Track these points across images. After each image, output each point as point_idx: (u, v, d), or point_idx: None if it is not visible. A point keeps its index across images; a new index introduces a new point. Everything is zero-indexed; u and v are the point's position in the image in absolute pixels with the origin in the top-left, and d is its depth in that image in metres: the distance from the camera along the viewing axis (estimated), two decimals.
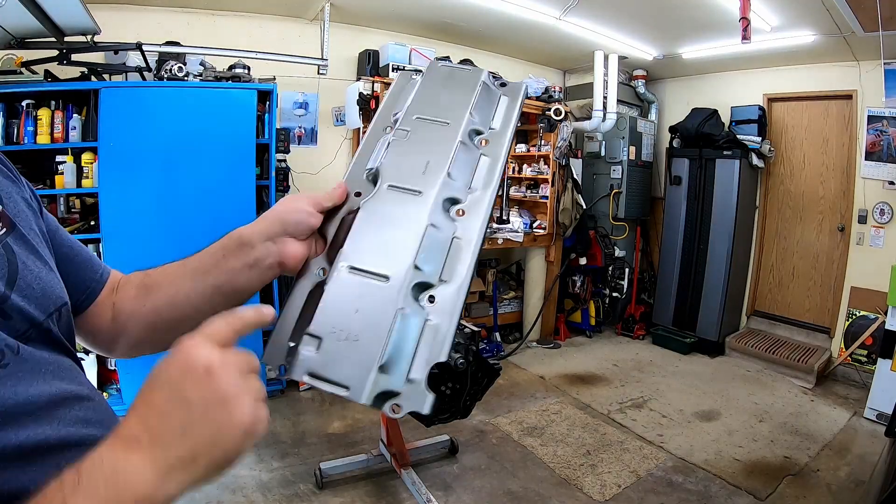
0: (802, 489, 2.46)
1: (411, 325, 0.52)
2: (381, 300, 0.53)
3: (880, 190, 3.88)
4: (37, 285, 0.50)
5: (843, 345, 4.03)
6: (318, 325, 0.52)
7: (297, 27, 3.84)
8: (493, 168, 0.64)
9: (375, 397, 0.49)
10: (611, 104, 4.52)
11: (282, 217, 0.58)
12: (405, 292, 0.53)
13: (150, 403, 0.38)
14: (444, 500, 2.30)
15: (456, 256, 0.57)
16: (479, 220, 0.59)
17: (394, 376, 0.50)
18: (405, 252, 0.55)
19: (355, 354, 0.50)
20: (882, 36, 3.18)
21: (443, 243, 0.57)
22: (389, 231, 0.57)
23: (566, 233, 4.50)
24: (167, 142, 2.81)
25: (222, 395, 0.38)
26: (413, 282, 0.54)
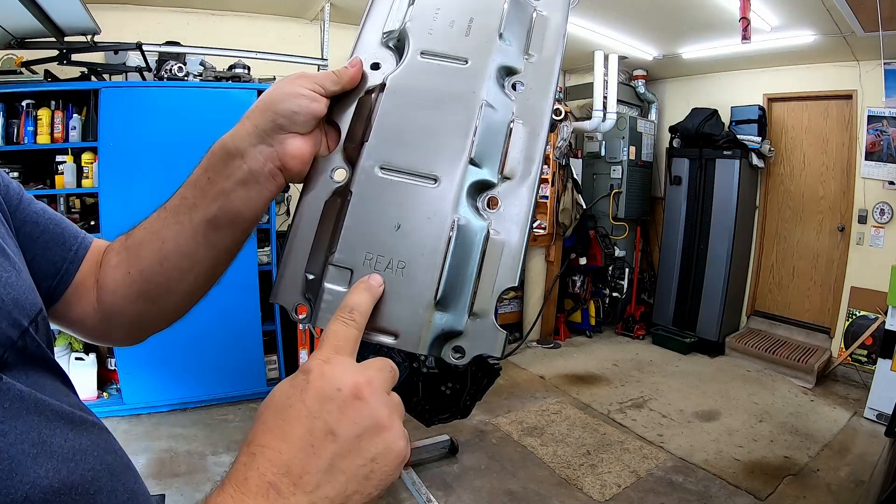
0: (802, 489, 2.46)
1: (472, 240, 0.40)
2: (430, 209, 0.40)
3: (880, 190, 3.88)
4: (7, 296, 0.38)
5: (843, 345, 4.03)
6: (345, 251, 0.39)
7: (297, 27, 3.84)
8: (560, 28, 0.48)
9: (432, 342, 0.38)
10: (611, 104, 4.52)
11: (273, 107, 0.45)
12: (461, 196, 0.40)
13: (285, 439, 0.31)
14: (444, 500, 2.30)
15: (519, 145, 0.43)
16: (547, 94, 0.47)
17: (454, 312, 0.38)
18: (456, 141, 0.41)
19: (403, 287, 0.38)
20: (882, 36, 3.18)
21: (500, 128, 0.43)
22: (430, 114, 0.43)
23: (566, 233, 4.50)
24: (167, 142, 2.80)
25: (376, 422, 0.32)
26: (470, 181, 0.41)
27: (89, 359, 2.92)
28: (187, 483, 2.32)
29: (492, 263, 0.40)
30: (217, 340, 3.04)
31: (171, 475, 2.37)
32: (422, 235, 0.39)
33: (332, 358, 0.33)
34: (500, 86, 0.45)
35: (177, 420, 2.92)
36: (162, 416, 2.94)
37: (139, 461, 2.47)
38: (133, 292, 0.50)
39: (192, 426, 2.86)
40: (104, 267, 0.51)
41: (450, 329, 0.39)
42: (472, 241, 0.40)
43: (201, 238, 0.47)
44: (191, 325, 3.08)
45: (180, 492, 2.24)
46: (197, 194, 0.46)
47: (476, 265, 0.40)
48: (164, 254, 0.48)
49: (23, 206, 0.49)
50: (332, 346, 0.34)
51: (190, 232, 0.47)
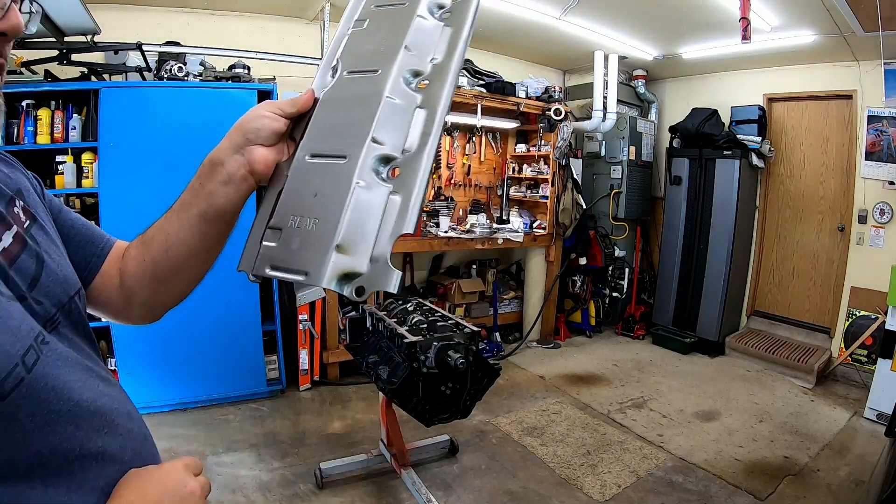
0: (802, 489, 2.46)
1: (372, 199, 0.50)
2: (338, 179, 0.51)
3: (880, 190, 3.88)
4: (59, 272, 0.56)
5: (843, 345, 4.03)
6: (278, 217, 0.53)
7: (297, 27, 3.84)
8: (458, 35, 0.60)
9: (338, 280, 0.48)
10: (611, 104, 4.52)
11: (243, 126, 0.59)
12: (362, 166, 0.51)
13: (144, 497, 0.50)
14: (444, 500, 2.30)
15: (420, 126, 0.55)
16: (445, 86, 0.57)
17: (356, 256, 0.48)
18: (362, 128, 0.53)
19: (314, 237, 0.50)
20: (882, 36, 3.18)
21: (404, 114, 0.55)
22: (347, 113, 0.56)
23: (566, 233, 4.50)
24: (167, 142, 2.81)
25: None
26: (372, 155, 0.52)
27: None
28: None
29: (390, 217, 0.50)
30: (217, 340, 3.04)
31: None
32: (331, 198, 0.51)
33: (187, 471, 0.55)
34: (407, 84, 0.57)
35: (177, 420, 2.92)
36: (162, 416, 2.94)
37: None
38: (147, 276, 0.66)
39: (192, 426, 2.86)
40: (126, 258, 0.69)
41: (351, 270, 0.48)
42: (373, 200, 0.50)
43: (196, 230, 0.61)
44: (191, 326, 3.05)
45: None
46: (191, 195, 0.61)
47: (378, 219, 0.50)
48: (168, 244, 0.63)
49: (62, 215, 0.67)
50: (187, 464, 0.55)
51: (188, 225, 0.61)
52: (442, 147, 4.47)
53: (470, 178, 4.71)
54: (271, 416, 3.03)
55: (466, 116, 4.12)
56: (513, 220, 4.41)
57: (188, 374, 2.98)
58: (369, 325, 2.36)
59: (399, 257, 4.40)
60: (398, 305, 2.38)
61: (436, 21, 0.61)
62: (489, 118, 4.30)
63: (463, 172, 4.65)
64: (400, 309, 2.32)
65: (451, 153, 4.49)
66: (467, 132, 4.51)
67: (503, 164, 4.90)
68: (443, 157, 4.50)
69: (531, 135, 4.79)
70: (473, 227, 4.13)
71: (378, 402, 2.69)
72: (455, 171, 4.58)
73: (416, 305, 2.38)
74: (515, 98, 4.17)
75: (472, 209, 4.68)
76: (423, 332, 1.97)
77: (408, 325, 2.10)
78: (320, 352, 3.50)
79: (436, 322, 2.05)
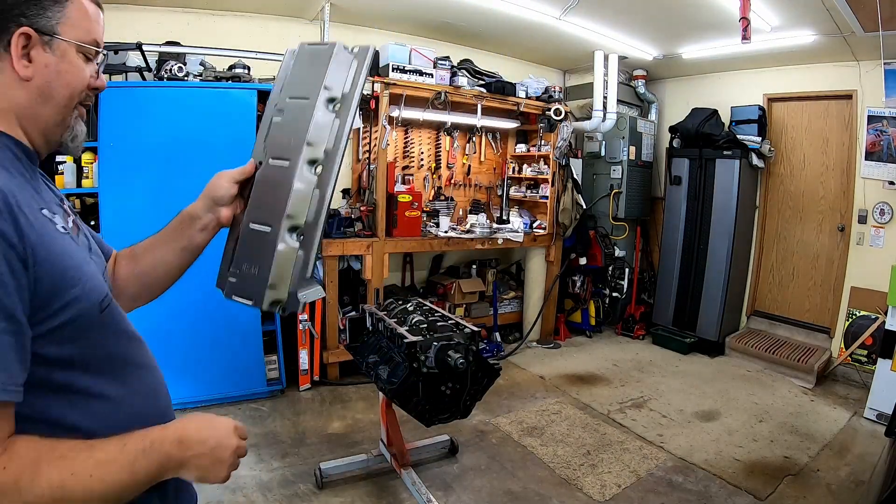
0: (802, 489, 2.46)
1: (288, 256, 0.82)
2: (268, 243, 0.82)
3: (880, 190, 3.88)
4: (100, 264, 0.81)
5: (843, 345, 4.03)
6: (236, 263, 0.86)
7: (297, 27, 3.84)
8: (343, 127, 0.85)
9: (270, 304, 0.82)
10: (611, 104, 4.52)
11: (211, 194, 0.89)
12: (281, 235, 0.81)
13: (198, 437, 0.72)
14: (444, 500, 2.30)
15: (315, 203, 0.84)
16: (332, 173, 0.84)
17: (280, 291, 0.82)
18: (281, 208, 0.82)
19: (256, 280, 0.83)
20: (882, 36, 3.18)
21: (306, 195, 0.83)
22: (272, 193, 0.84)
23: (566, 233, 4.50)
24: (167, 142, 2.81)
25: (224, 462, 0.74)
26: (287, 227, 0.82)
27: None
28: None
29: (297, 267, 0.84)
30: (217, 340, 3.04)
31: None
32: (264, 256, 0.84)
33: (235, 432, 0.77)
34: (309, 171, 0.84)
35: None
36: None
37: None
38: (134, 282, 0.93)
39: None
40: (118, 265, 0.94)
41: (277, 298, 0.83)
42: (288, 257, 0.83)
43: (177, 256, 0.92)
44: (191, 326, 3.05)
45: None
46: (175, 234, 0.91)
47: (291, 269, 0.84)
48: (155, 263, 0.93)
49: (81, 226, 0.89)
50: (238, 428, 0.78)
51: (171, 252, 0.92)
52: (442, 147, 4.47)
53: (470, 178, 4.71)
54: (271, 416, 3.03)
55: (466, 116, 4.12)
56: (513, 220, 4.41)
57: (188, 374, 2.98)
58: (369, 325, 2.36)
59: (399, 257, 4.40)
60: (398, 305, 2.38)
61: (330, 114, 0.85)
62: (489, 118, 4.30)
63: (463, 172, 4.65)
64: (400, 309, 2.32)
65: (451, 153, 4.50)
66: (467, 132, 4.51)
67: (503, 164, 4.90)
68: (443, 157, 4.50)
69: (531, 135, 4.79)
70: (473, 227, 4.13)
71: (378, 402, 2.69)
72: (455, 171, 4.58)
73: (416, 305, 2.38)
74: (515, 98, 4.18)
75: (472, 209, 4.69)
76: (423, 332, 1.97)
77: (408, 325, 2.10)
78: (320, 352, 3.50)
79: (436, 322, 2.05)
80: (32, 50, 0.68)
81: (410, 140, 4.32)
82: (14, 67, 0.67)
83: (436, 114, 3.93)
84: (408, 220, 3.71)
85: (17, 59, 0.67)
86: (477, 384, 1.96)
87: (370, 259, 3.56)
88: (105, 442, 0.64)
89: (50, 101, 0.71)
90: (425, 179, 4.44)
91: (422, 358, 1.85)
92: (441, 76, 3.81)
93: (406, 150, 4.31)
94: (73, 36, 0.71)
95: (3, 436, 0.58)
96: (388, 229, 3.68)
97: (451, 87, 3.84)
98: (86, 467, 0.61)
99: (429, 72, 3.76)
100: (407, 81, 3.65)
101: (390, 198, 3.69)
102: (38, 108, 0.71)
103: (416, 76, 3.70)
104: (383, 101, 3.55)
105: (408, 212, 3.69)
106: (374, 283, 3.53)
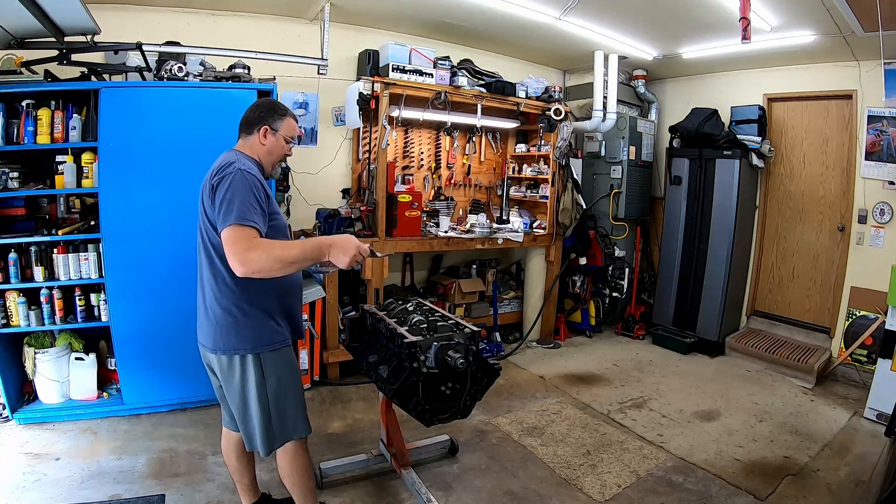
0: (802, 489, 2.46)
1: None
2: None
3: (880, 190, 3.88)
4: None
5: (843, 345, 4.03)
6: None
7: (297, 27, 3.84)
8: None
9: None
10: (611, 104, 4.52)
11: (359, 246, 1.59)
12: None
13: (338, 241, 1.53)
14: (444, 500, 2.30)
15: None
16: None
17: None
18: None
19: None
20: (882, 36, 3.18)
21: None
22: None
23: (566, 233, 4.50)
24: (167, 142, 2.80)
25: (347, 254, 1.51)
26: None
27: (89, 359, 2.92)
28: (187, 483, 2.32)
29: None
30: None
31: (171, 475, 2.37)
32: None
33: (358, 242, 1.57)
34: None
35: (177, 420, 2.92)
36: (162, 416, 2.95)
37: (139, 461, 2.48)
38: None
39: (192, 426, 2.86)
40: None
41: None
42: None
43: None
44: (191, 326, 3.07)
45: (180, 492, 2.24)
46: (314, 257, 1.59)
47: None
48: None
49: None
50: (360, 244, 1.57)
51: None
52: (442, 147, 4.47)
53: (470, 178, 4.71)
54: None
55: (466, 116, 4.12)
56: (513, 220, 4.41)
57: (188, 374, 2.97)
58: (369, 325, 2.35)
59: (399, 257, 4.40)
60: (398, 305, 2.38)
61: None
62: (489, 118, 4.30)
63: (463, 172, 4.65)
64: (400, 309, 2.32)
65: (451, 153, 4.49)
66: (467, 132, 4.51)
67: (503, 164, 4.90)
68: (443, 157, 4.50)
69: (531, 135, 4.79)
70: (473, 227, 4.13)
71: (378, 402, 2.69)
72: (455, 171, 4.58)
73: (416, 305, 2.38)
74: (515, 98, 4.18)
75: (472, 209, 4.69)
76: (423, 332, 1.97)
77: (408, 325, 2.09)
78: (320, 352, 3.50)
79: (436, 322, 2.05)
80: (267, 133, 1.72)
81: (410, 140, 4.32)
82: (259, 140, 1.72)
83: (436, 114, 3.93)
84: (408, 220, 3.71)
85: (261, 137, 1.72)
86: (477, 384, 1.96)
87: (370, 259, 3.55)
88: (296, 241, 1.53)
89: (270, 156, 1.75)
90: (425, 179, 4.44)
91: (422, 358, 1.84)
92: (441, 76, 3.81)
93: (406, 150, 4.31)
94: (283, 132, 1.75)
95: (254, 235, 1.45)
96: (388, 229, 3.68)
97: (451, 87, 3.84)
98: (289, 246, 1.49)
99: (429, 72, 3.76)
100: (407, 81, 3.65)
101: (390, 198, 3.69)
102: (266, 157, 1.74)
103: (416, 76, 3.70)
104: (383, 101, 3.55)
105: (408, 212, 3.69)
106: (374, 283, 3.53)
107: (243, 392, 1.66)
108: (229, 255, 1.42)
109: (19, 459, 2.46)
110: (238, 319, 1.62)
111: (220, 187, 1.50)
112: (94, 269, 2.81)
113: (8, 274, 2.70)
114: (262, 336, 1.65)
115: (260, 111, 1.75)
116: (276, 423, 1.69)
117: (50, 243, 2.79)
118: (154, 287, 2.85)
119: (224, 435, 1.97)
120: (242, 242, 1.41)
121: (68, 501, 2.14)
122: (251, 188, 1.50)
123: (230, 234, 1.42)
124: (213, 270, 1.62)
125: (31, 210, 2.92)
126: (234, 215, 1.43)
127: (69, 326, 2.85)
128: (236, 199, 1.46)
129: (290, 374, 1.73)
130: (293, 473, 1.79)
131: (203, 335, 1.72)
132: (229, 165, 1.54)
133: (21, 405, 2.88)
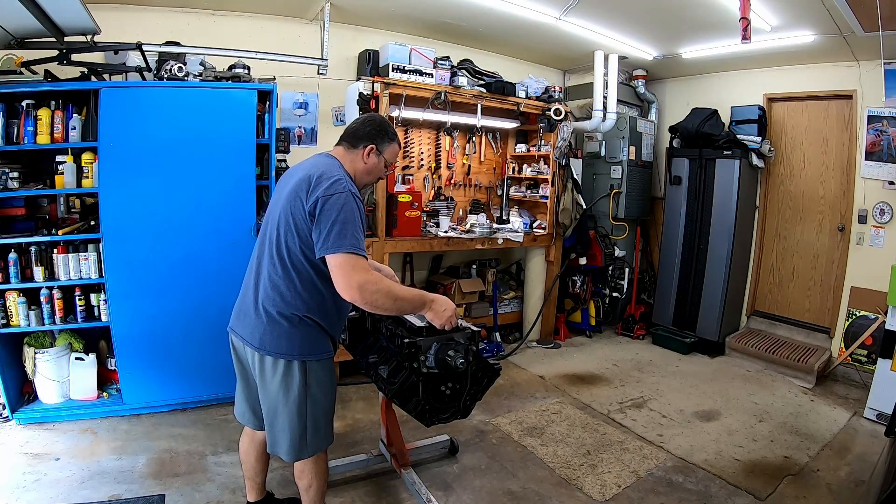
0: (802, 489, 2.46)
1: None
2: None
3: (880, 190, 3.88)
4: None
5: (843, 345, 4.03)
6: None
7: (297, 27, 3.84)
8: None
9: None
10: (611, 104, 4.52)
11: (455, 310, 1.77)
12: None
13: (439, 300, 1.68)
14: (444, 500, 2.30)
15: None
16: None
17: None
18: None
19: None
20: (882, 36, 3.18)
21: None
22: None
23: (566, 233, 4.50)
24: (167, 142, 2.80)
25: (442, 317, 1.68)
26: None
27: (89, 359, 2.92)
28: (187, 483, 2.32)
29: None
30: (218, 340, 3.01)
31: (171, 475, 2.37)
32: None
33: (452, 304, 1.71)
34: None
35: (177, 420, 2.92)
36: (162, 416, 2.95)
37: (139, 461, 2.48)
38: None
39: (192, 426, 2.86)
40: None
41: None
42: None
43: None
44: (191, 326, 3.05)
45: (180, 492, 2.24)
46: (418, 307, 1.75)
47: None
48: None
49: None
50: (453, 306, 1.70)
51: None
52: (442, 147, 4.47)
53: (470, 178, 4.71)
54: None
55: (466, 116, 4.12)
56: (513, 220, 4.41)
57: (188, 374, 2.98)
58: (369, 325, 2.35)
59: (399, 257, 4.40)
60: None
61: None
62: (489, 118, 4.30)
63: (463, 172, 4.65)
64: None
65: (451, 153, 4.49)
66: (467, 132, 4.51)
67: (503, 164, 4.90)
68: (443, 157, 4.50)
69: (531, 135, 4.79)
70: (473, 227, 4.13)
71: (378, 402, 2.69)
72: (455, 171, 4.58)
73: None
74: (515, 98, 4.18)
75: (472, 209, 4.69)
76: (423, 332, 1.97)
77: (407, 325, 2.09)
78: None
79: None
80: (372, 153, 1.70)
81: (410, 140, 4.32)
82: (362, 157, 1.70)
83: (436, 114, 3.93)
84: (408, 220, 3.71)
85: (365, 155, 1.70)
86: (477, 384, 1.96)
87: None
88: (406, 287, 1.66)
89: (368, 176, 1.74)
90: (425, 179, 4.44)
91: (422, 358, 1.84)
92: (441, 76, 3.81)
93: (406, 150, 4.31)
94: (387, 156, 1.74)
95: (368, 267, 1.52)
96: (388, 229, 3.68)
97: (451, 87, 3.84)
98: (401, 287, 1.60)
99: (429, 72, 3.76)
100: (407, 81, 3.65)
101: (390, 198, 3.69)
102: (363, 176, 1.73)
103: (416, 76, 3.70)
104: (383, 101, 3.55)
105: (408, 212, 3.69)
106: None
107: (283, 396, 1.67)
108: (343, 281, 1.46)
109: (19, 459, 2.46)
110: (296, 327, 1.62)
111: (330, 206, 1.48)
112: (94, 269, 2.81)
113: (8, 274, 2.70)
114: (312, 345, 1.69)
115: (371, 128, 1.71)
116: (311, 433, 1.74)
117: (50, 243, 2.79)
118: (154, 287, 2.85)
119: (246, 433, 1.97)
120: (361, 273, 1.46)
121: (68, 501, 2.14)
122: (360, 215, 1.52)
123: (346, 261, 1.46)
124: (283, 274, 1.59)
125: (31, 210, 2.92)
126: (348, 243, 1.46)
127: (69, 326, 2.85)
128: (349, 225, 1.47)
129: (330, 385, 1.79)
130: (314, 479, 1.82)
131: (244, 329, 1.68)
132: (338, 182, 1.52)
133: (21, 405, 2.88)
